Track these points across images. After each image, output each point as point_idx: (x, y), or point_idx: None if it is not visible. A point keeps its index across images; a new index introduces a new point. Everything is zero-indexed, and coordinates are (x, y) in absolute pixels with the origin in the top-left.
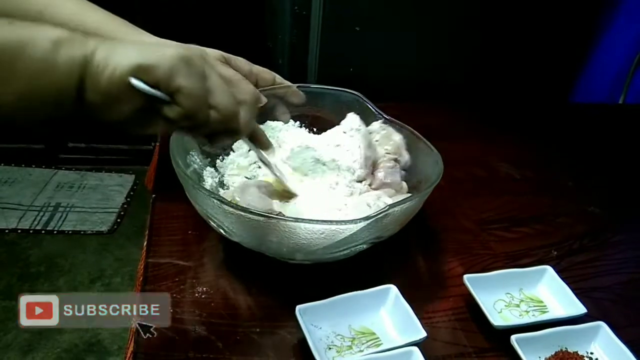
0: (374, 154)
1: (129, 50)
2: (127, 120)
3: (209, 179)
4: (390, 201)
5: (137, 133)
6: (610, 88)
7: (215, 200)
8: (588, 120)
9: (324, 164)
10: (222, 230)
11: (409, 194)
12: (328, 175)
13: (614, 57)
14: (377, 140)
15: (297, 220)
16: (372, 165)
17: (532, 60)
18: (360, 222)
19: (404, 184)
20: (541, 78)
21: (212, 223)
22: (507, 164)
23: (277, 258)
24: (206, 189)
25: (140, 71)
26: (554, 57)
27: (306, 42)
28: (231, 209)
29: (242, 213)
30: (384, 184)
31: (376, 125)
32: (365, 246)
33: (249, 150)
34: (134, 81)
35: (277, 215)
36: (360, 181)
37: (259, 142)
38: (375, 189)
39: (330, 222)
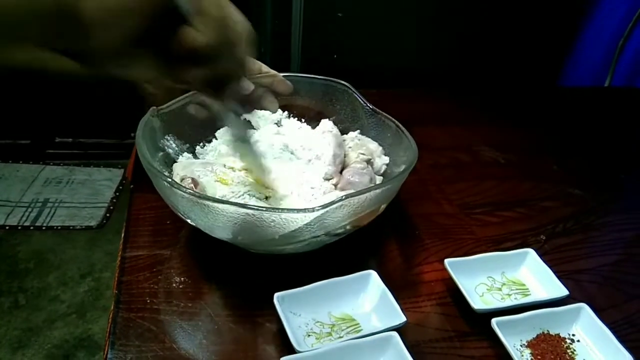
0: (343, 153)
1: None
2: (117, 53)
3: None
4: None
5: (131, 77)
6: (597, 71)
7: (164, 182)
8: (573, 103)
9: (291, 152)
10: (188, 220)
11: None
12: (295, 164)
13: (600, 41)
14: (350, 147)
15: (243, 206)
16: (341, 165)
17: (519, 45)
18: (309, 212)
19: None
20: (528, 62)
21: (178, 212)
22: (492, 149)
23: (239, 246)
24: (160, 171)
25: None
26: (541, 42)
27: (288, 29)
28: (179, 191)
29: (189, 195)
30: (349, 183)
31: (352, 134)
32: (326, 238)
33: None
34: None
35: (221, 199)
36: (328, 179)
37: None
38: (340, 189)
39: (277, 209)
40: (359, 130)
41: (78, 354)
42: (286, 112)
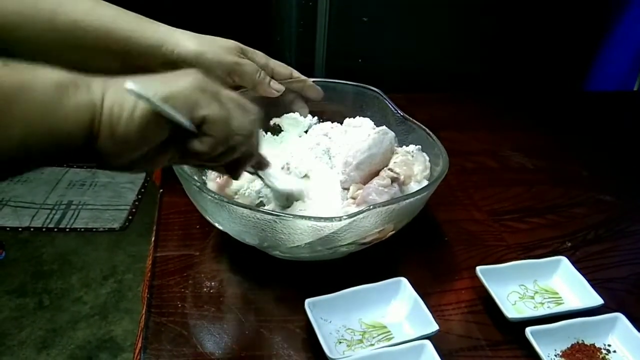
0: (373, 165)
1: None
2: (137, 162)
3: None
4: None
5: (143, 171)
6: (625, 75)
7: (195, 187)
8: (602, 108)
9: (330, 158)
10: (217, 224)
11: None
12: (329, 172)
13: (628, 44)
14: (395, 162)
15: (270, 213)
16: (365, 173)
17: (545, 49)
18: (337, 220)
19: None
20: (554, 66)
21: (207, 217)
22: (520, 154)
23: (264, 251)
24: (195, 180)
25: (170, 97)
26: (567, 45)
27: (313, 33)
28: (208, 195)
29: (223, 202)
30: (364, 201)
31: (409, 148)
32: (353, 247)
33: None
34: (167, 108)
35: (255, 207)
36: (345, 188)
37: (262, 163)
38: (357, 205)
39: (302, 217)
40: (419, 146)
41: (100, 355)
42: (316, 118)
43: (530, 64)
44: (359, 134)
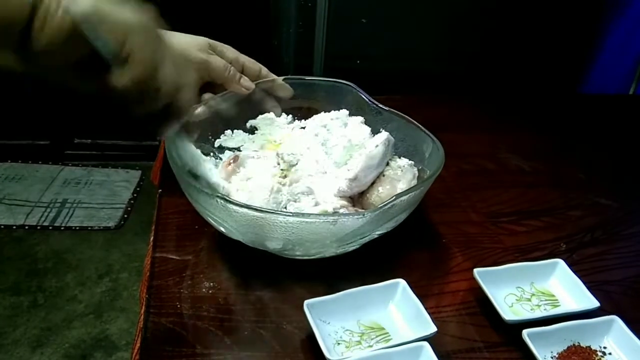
0: (366, 178)
1: None
2: (68, 73)
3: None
4: None
5: (84, 90)
6: (621, 79)
7: (220, 200)
8: (599, 111)
9: (325, 152)
10: (222, 228)
11: None
12: (321, 164)
13: (625, 48)
14: (383, 176)
15: (300, 215)
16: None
17: (542, 51)
18: (366, 215)
19: None
20: (550, 69)
21: (212, 221)
22: (517, 156)
23: (278, 255)
24: (206, 186)
25: (95, 16)
26: (564, 48)
27: (312, 34)
28: (232, 206)
29: (244, 209)
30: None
31: (403, 162)
32: (365, 239)
33: None
34: (90, 28)
35: (276, 210)
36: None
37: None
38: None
39: (335, 215)
40: (411, 162)
41: (95, 353)
42: (291, 116)
43: (529, 67)
44: (368, 144)
